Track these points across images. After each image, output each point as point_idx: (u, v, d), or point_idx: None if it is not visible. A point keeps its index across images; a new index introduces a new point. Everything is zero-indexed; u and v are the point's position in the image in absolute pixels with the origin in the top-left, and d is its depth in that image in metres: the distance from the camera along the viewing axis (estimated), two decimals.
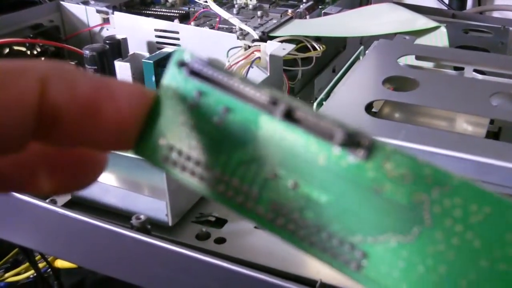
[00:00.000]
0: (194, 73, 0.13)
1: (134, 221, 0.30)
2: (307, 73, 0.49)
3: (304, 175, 0.12)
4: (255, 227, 0.32)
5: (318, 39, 0.49)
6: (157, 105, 0.13)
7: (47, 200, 0.35)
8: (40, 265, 0.56)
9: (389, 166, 0.12)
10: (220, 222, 0.33)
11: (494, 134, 0.37)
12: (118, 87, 0.12)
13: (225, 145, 0.13)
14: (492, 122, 0.37)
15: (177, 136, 0.13)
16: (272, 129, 0.13)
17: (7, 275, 0.56)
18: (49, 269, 0.53)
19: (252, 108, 0.13)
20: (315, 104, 0.34)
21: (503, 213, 0.11)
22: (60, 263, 0.56)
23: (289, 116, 0.12)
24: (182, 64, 0.13)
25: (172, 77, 0.14)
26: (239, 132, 0.13)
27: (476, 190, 0.11)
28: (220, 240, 0.32)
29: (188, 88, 0.13)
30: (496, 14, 0.71)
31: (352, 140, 0.12)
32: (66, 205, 0.35)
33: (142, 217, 0.30)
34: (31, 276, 0.57)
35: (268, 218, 0.13)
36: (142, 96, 0.13)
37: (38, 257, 0.54)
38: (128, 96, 0.12)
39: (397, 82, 0.36)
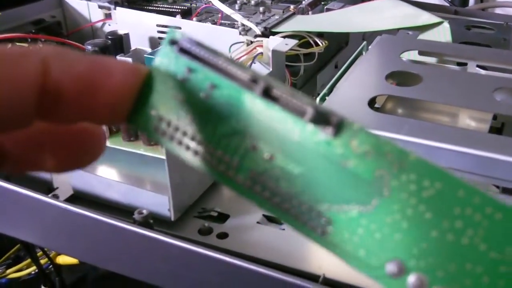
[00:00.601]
0: (184, 51, 0.15)
1: (136, 215, 0.30)
2: (309, 69, 0.48)
3: (280, 148, 0.14)
4: (258, 222, 0.32)
5: (320, 35, 0.49)
6: (150, 80, 0.15)
7: (50, 195, 0.35)
8: (42, 261, 0.56)
9: (354, 143, 0.13)
10: (222, 217, 0.33)
11: (497, 129, 0.37)
12: (114, 64, 0.14)
13: (211, 118, 0.14)
14: (495, 117, 0.37)
15: (167, 108, 0.15)
16: (252, 105, 0.14)
17: (8, 271, 0.56)
18: (51, 266, 0.53)
19: (235, 85, 0.14)
20: (317, 99, 0.34)
21: (452, 189, 0.12)
22: (62, 260, 0.56)
23: (267, 94, 0.14)
24: (173, 42, 0.15)
25: (165, 54, 0.15)
26: (223, 107, 0.14)
27: (430, 167, 0.13)
28: (223, 235, 0.31)
29: (179, 64, 0.15)
30: (498, 10, 0.70)
31: (322, 118, 0.13)
32: (68, 200, 0.35)
33: (144, 211, 0.30)
34: (33, 272, 0.57)
35: (247, 186, 0.14)
36: (136, 72, 0.14)
37: (39, 253, 0.54)
38: (123, 72, 0.14)
39: (400, 77, 0.36)
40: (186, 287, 0.29)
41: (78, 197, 0.36)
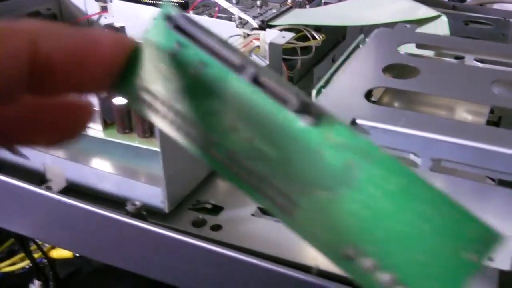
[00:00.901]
0: (178, 27, 0.15)
1: (129, 207, 0.30)
2: (306, 63, 0.48)
3: (260, 131, 0.15)
4: (252, 215, 0.32)
5: (318, 28, 0.48)
6: (138, 52, 0.15)
7: (43, 187, 0.35)
8: (36, 255, 0.55)
9: (331, 134, 0.14)
10: (216, 209, 0.33)
11: (494, 123, 0.37)
12: (103, 36, 0.14)
13: (196, 94, 0.15)
14: (492, 111, 0.37)
15: (153, 80, 0.15)
16: (238, 88, 0.15)
17: (2, 265, 0.56)
18: (45, 259, 0.53)
19: (224, 67, 0.14)
20: (314, 91, 0.33)
21: (415, 187, 0.13)
22: (56, 254, 0.55)
23: (255, 80, 0.14)
24: (168, 17, 0.15)
25: (157, 28, 0.15)
26: (209, 85, 0.15)
27: (397, 164, 0.14)
28: (216, 227, 0.31)
29: (170, 39, 0.15)
30: (496, 6, 0.70)
31: (304, 108, 0.14)
32: (62, 192, 0.35)
33: (137, 203, 0.30)
34: (27, 266, 0.57)
35: (224, 163, 0.15)
36: (123, 43, 0.15)
37: (33, 247, 0.54)
38: (111, 43, 0.14)
39: (397, 70, 0.36)
40: (179, 279, 0.29)
41: (72, 189, 0.35)
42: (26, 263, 0.55)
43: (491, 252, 0.13)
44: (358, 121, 0.29)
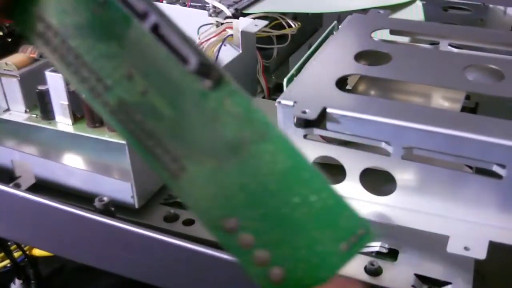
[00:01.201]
0: None
1: (97, 203, 0.29)
2: (282, 52, 0.47)
3: (156, 86, 0.14)
4: None
5: (294, 16, 0.48)
6: None
7: (11, 184, 0.34)
8: (17, 254, 0.55)
9: (228, 102, 0.14)
10: None
11: (471, 109, 0.37)
12: None
13: (94, 34, 0.14)
14: (468, 97, 0.37)
15: (51, 11, 0.15)
16: (139, 36, 0.14)
17: None
18: (25, 258, 0.52)
19: (126, 11, 0.14)
20: (285, 79, 0.33)
21: (300, 169, 0.14)
22: (38, 251, 0.54)
23: (156, 31, 0.14)
24: None
25: None
26: (109, 27, 0.14)
27: (288, 145, 0.14)
28: (189, 222, 0.31)
29: None
30: None
31: (204, 70, 0.14)
32: (31, 189, 0.34)
33: (105, 199, 0.29)
34: (8, 265, 0.56)
35: (112, 111, 0.14)
36: None
37: (13, 246, 0.53)
38: None
39: (370, 57, 0.35)
40: (149, 275, 0.28)
41: (42, 186, 0.35)
42: (6, 262, 0.54)
43: (363, 247, 0.14)
44: (328, 110, 0.29)
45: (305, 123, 0.29)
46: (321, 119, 0.29)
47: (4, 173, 0.36)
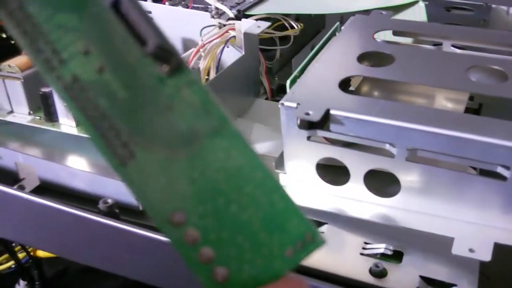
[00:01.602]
0: None
1: (101, 205, 0.29)
2: (285, 53, 0.47)
3: (113, 64, 0.13)
4: None
5: (297, 18, 0.48)
6: None
7: (15, 186, 0.34)
8: (22, 255, 0.55)
9: (186, 91, 0.13)
10: None
11: (474, 111, 0.37)
12: None
13: (52, 3, 0.14)
14: (471, 98, 0.36)
15: None
16: (99, 11, 0.13)
17: None
18: (29, 259, 0.52)
19: None
20: (288, 80, 0.33)
21: (252, 169, 0.13)
22: (42, 253, 0.55)
23: (116, 7, 0.13)
24: None
25: None
26: None
27: (243, 143, 0.13)
28: None
29: None
30: None
31: (163, 54, 0.13)
32: (35, 191, 0.34)
33: (109, 201, 0.30)
34: (13, 266, 0.56)
35: (64, 86, 0.14)
36: None
37: (18, 248, 0.53)
38: None
39: (373, 58, 0.35)
40: (154, 277, 0.28)
41: (46, 188, 0.35)
42: (11, 263, 0.54)
43: (309, 254, 0.13)
44: (332, 112, 0.29)
45: (308, 125, 0.29)
46: (325, 120, 0.29)
47: (8, 175, 0.36)
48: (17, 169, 0.36)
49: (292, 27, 0.46)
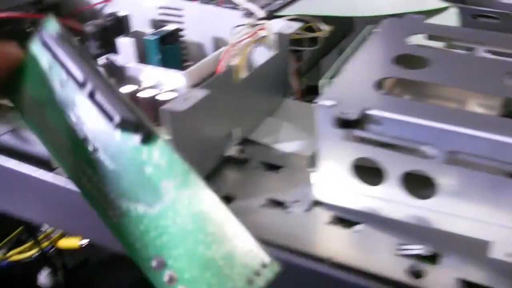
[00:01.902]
0: (46, 44, 0.18)
1: None
2: (313, 55, 0.48)
3: (103, 144, 0.17)
4: (263, 205, 0.32)
5: (325, 19, 0.48)
6: (26, 62, 0.19)
7: (50, 174, 0.35)
8: (42, 245, 0.55)
9: (156, 154, 0.16)
10: (226, 200, 0.32)
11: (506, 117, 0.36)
12: None
13: (59, 107, 0.18)
14: (504, 105, 0.36)
15: (34, 88, 0.19)
16: (84, 104, 0.17)
17: (10, 253, 0.56)
18: (52, 249, 0.53)
19: (73, 84, 0.18)
20: (320, 81, 0.33)
21: (214, 212, 0.15)
22: (63, 244, 0.55)
23: (92, 96, 0.17)
24: (40, 35, 0.19)
25: (37, 43, 0.19)
26: (68, 98, 0.18)
27: (204, 189, 0.15)
28: None
29: (44, 55, 0.19)
30: (505, 0, 0.69)
31: (130, 126, 0.16)
32: None
33: None
34: (34, 255, 0.57)
35: (62, 157, 0.18)
36: (10, 56, 0.19)
37: (41, 237, 0.54)
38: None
39: (406, 61, 0.35)
40: None
41: None
42: (34, 252, 0.55)
43: (269, 280, 0.15)
44: (370, 111, 0.29)
45: (345, 124, 0.30)
46: (361, 120, 0.29)
47: (43, 163, 0.36)
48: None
49: (321, 29, 0.46)
